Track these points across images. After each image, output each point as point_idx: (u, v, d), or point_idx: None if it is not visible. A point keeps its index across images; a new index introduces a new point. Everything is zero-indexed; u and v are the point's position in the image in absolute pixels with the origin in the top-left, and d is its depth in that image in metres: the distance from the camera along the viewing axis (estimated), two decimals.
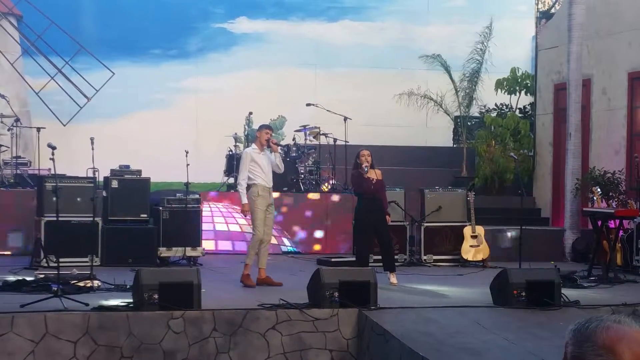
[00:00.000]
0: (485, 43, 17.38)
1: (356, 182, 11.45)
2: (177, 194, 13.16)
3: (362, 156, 11.31)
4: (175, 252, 12.82)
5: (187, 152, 12.82)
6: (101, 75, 16.98)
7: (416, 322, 8.53)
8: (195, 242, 12.95)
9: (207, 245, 13.91)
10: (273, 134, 11.07)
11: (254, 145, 11.13)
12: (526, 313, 9.03)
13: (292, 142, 15.87)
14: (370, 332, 8.50)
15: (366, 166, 11.20)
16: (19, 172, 14.57)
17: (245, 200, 10.76)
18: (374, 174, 11.34)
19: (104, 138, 13.99)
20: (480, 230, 13.77)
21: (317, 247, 14.96)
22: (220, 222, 14.67)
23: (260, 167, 10.80)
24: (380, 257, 11.64)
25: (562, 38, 15.56)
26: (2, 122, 15.17)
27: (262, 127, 11.21)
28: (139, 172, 13.34)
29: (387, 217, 11.50)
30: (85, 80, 16.85)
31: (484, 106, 18.13)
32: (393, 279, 11.17)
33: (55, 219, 10.13)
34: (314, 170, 15.69)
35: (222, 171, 15.62)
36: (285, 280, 10.93)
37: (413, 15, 19.37)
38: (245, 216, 11.70)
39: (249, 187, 10.78)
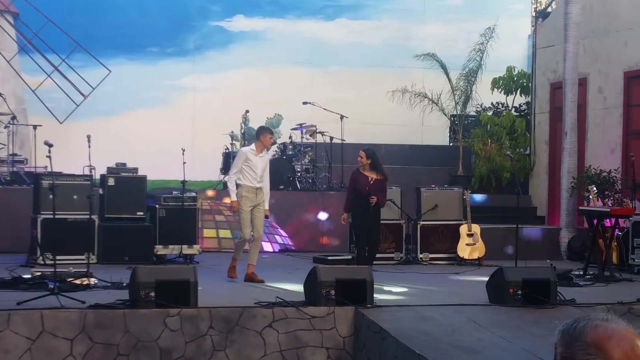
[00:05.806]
0: (485, 43, 17.36)
1: (352, 180, 11.64)
2: (174, 192, 13.15)
3: (359, 157, 11.57)
4: (172, 250, 12.81)
5: (183, 150, 12.82)
6: (98, 73, 16.95)
7: (412, 320, 8.54)
8: (192, 240, 12.94)
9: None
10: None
11: (253, 146, 11.13)
12: (522, 311, 9.05)
13: (288, 141, 15.88)
14: (367, 330, 8.51)
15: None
16: (15, 169, 14.55)
17: (234, 198, 10.85)
18: (374, 174, 11.40)
19: (101, 136, 13.97)
20: (476, 228, 13.78)
21: (313, 244, 14.95)
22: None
23: (253, 168, 10.83)
24: (381, 256, 11.61)
25: (558, 37, 15.57)
26: None
27: (265, 130, 11.16)
28: (136, 170, 13.33)
29: (372, 198, 11.29)
30: (82, 78, 16.82)
31: (480, 105, 18.13)
32: None
33: (51, 216, 10.11)
34: (311, 169, 15.71)
35: (219, 169, 15.64)
36: (281, 278, 10.96)
37: (410, 14, 19.37)
38: (233, 213, 11.71)
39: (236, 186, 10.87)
